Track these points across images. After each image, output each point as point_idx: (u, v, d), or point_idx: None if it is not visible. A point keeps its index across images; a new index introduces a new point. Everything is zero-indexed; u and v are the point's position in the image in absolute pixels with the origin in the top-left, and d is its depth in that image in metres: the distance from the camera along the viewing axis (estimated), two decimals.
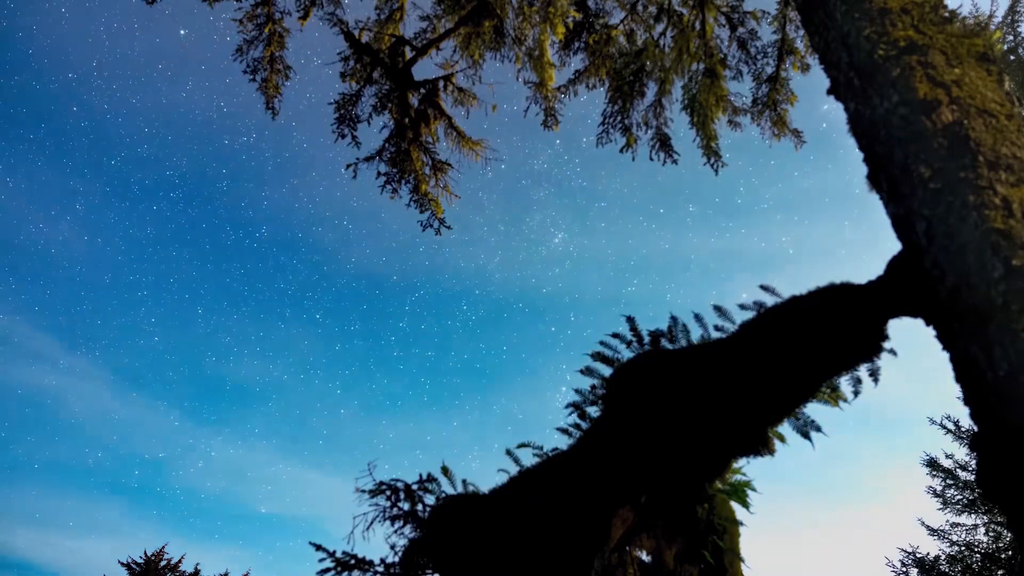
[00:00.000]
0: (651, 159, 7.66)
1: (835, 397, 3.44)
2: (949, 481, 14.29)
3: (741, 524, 4.20)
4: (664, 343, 3.99)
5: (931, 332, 1.92)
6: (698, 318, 3.81)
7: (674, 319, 3.99)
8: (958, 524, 14.05)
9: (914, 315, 2.22)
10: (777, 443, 3.31)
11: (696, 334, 3.85)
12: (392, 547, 3.24)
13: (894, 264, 2.28)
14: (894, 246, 2.20)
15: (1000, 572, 13.08)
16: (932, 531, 14.28)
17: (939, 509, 14.34)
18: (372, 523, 3.33)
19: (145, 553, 19.23)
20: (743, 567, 4.03)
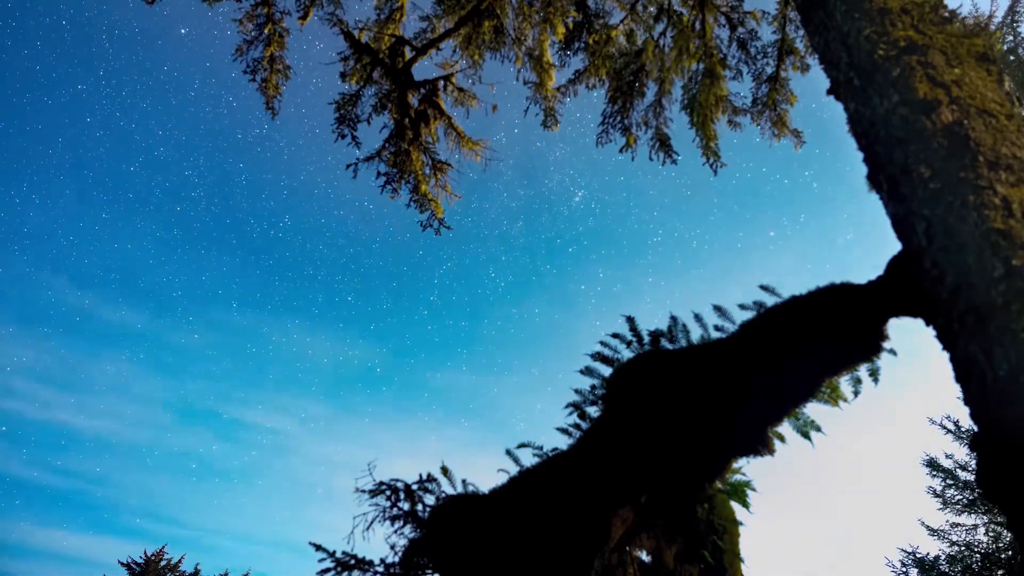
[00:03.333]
0: (651, 159, 7.66)
1: (835, 397, 3.44)
2: (949, 481, 14.29)
3: (741, 524, 4.20)
4: (664, 343, 3.99)
5: (931, 332, 1.92)
6: (698, 318, 3.81)
7: (674, 319, 3.99)
8: (958, 524, 14.05)
9: (914, 315, 2.22)
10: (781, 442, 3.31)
11: (696, 334, 3.85)
12: (392, 547, 3.24)
13: (894, 264, 2.28)
14: (894, 246, 2.20)
15: (1000, 572, 13.08)
16: (932, 531, 14.28)
17: (939, 509, 14.35)
18: (372, 523, 3.33)
19: (145, 553, 19.25)
20: (743, 567, 4.03)
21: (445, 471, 3.59)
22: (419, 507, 3.35)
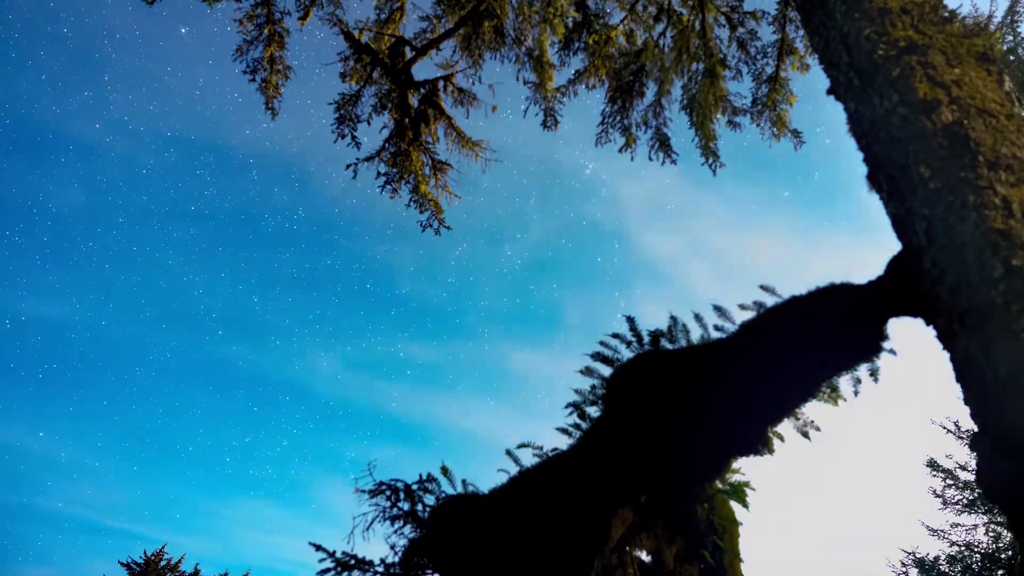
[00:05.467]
0: (650, 159, 7.66)
1: (835, 397, 3.44)
2: (949, 481, 14.30)
3: (741, 524, 4.20)
4: (664, 343, 3.99)
5: (931, 332, 1.92)
6: (698, 318, 3.81)
7: (674, 319, 3.99)
8: (958, 524, 14.06)
9: (914, 315, 2.22)
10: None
11: (696, 334, 3.85)
12: (392, 547, 3.24)
13: (894, 264, 2.28)
14: (894, 246, 2.20)
15: (1000, 572, 13.08)
16: (932, 531, 14.28)
17: (939, 509, 14.36)
18: (372, 523, 3.33)
19: (145, 553, 19.24)
20: (743, 567, 4.03)
21: (445, 471, 3.59)
22: (419, 507, 3.35)
